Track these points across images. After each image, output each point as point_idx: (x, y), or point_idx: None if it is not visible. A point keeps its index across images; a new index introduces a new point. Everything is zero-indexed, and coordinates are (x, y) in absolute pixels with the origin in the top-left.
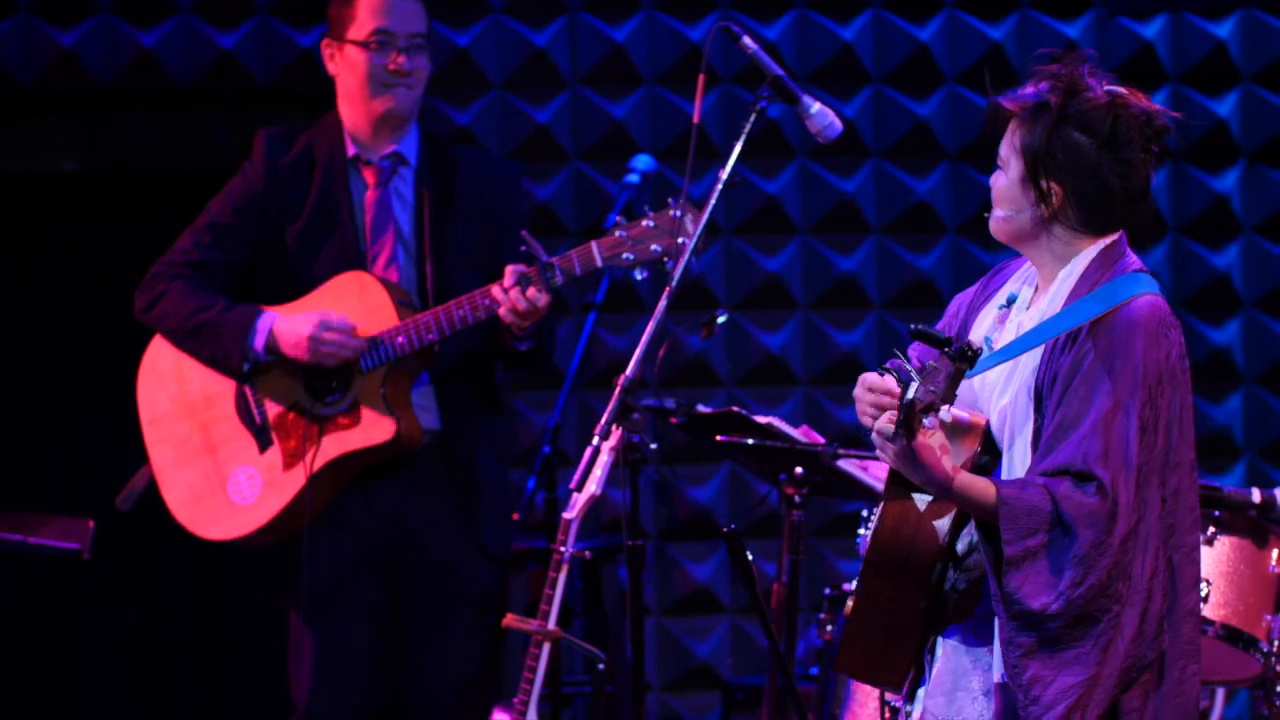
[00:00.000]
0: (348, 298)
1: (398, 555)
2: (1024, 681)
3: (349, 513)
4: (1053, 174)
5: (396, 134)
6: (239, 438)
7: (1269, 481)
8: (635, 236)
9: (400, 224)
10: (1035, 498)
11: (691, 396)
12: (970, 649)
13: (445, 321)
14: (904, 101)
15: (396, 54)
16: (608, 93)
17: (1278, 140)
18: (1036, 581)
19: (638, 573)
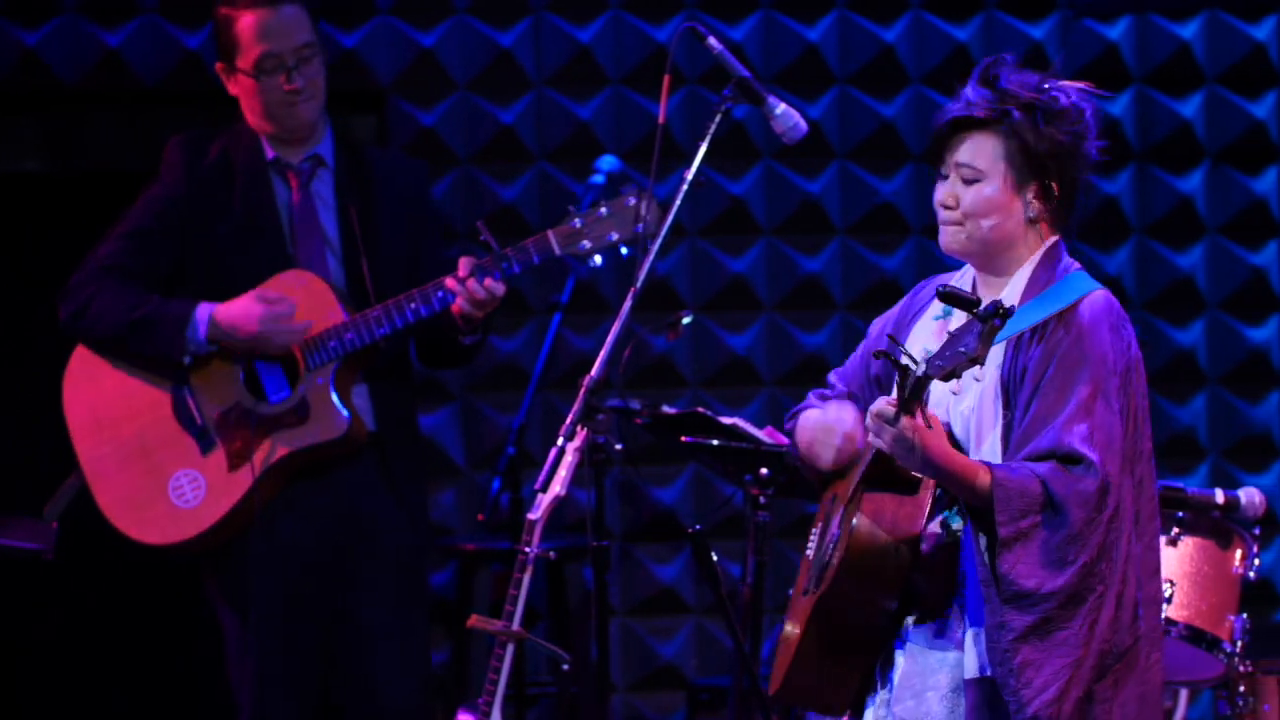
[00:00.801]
0: (292, 295)
1: (341, 555)
2: (1015, 666)
3: (289, 513)
4: (1051, 174)
5: (309, 140)
6: (178, 440)
7: (1233, 482)
8: (591, 224)
9: (325, 226)
10: (1026, 480)
11: (656, 397)
12: (934, 649)
13: (397, 315)
14: (869, 102)
15: (286, 77)
16: (573, 93)
17: (1242, 141)
18: (1030, 562)
19: (602, 573)
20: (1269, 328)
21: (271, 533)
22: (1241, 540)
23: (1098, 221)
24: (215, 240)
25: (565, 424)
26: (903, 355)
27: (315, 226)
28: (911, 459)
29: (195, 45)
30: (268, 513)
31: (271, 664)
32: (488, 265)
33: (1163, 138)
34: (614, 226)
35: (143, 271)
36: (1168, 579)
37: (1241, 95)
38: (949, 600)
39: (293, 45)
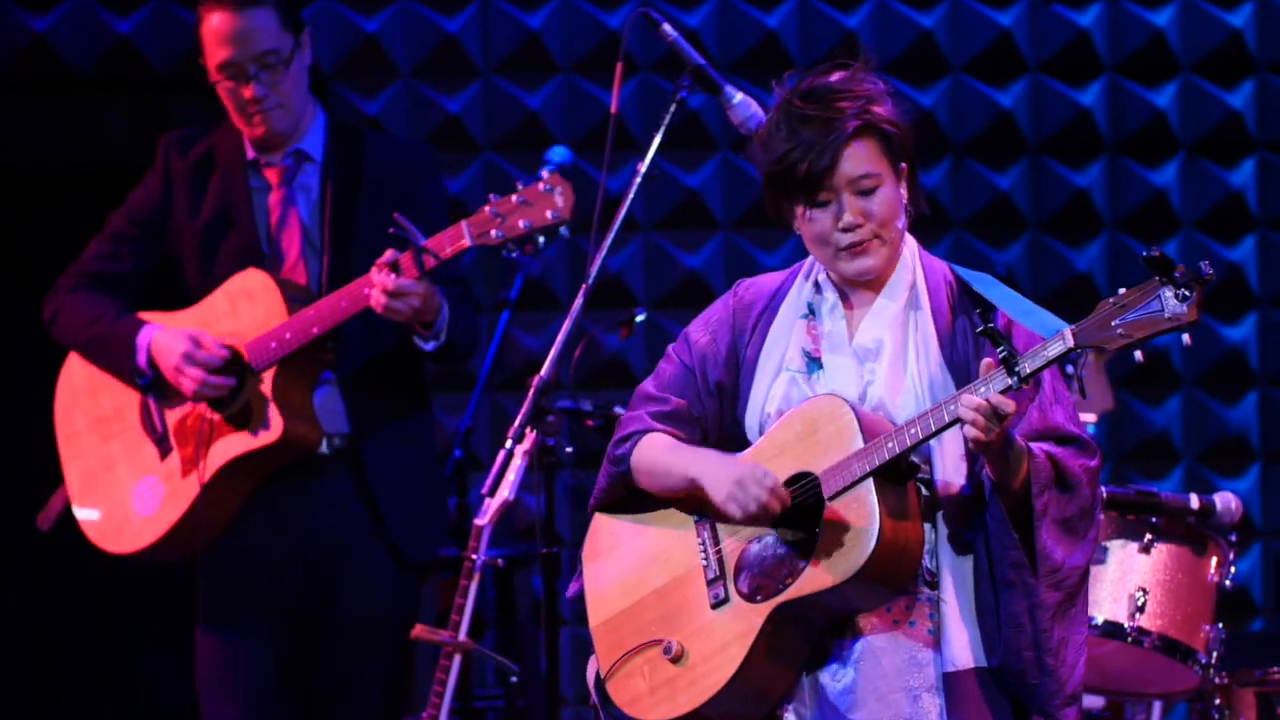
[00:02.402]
0: (241, 298)
1: (305, 568)
2: (1053, 645)
3: (254, 523)
4: (908, 155)
5: (290, 138)
6: (143, 448)
7: (1208, 487)
8: (504, 213)
9: (305, 221)
10: (1039, 457)
11: (609, 398)
12: (902, 649)
13: (327, 314)
14: None
15: (244, 85)
16: (522, 81)
17: (1219, 133)
18: (1055, 535)
19: (552, 581)
20: (1246, 326)
21: (235, 543)
22: (1217, 547)
23: (1068, 216)
24: (192, 238)
25: (514, 426)
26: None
27: (295, 222)
28: (1011, 451)
29: (126, 30)
30: (234, 523)
31: (228, 678)
32: (403, 260)
33: (1135, 129)
34: (527, 214)
35: (118, 276)
36: (1141, 587)
37: (1217, 84)
38: (912, 596)
39: (253, 53)
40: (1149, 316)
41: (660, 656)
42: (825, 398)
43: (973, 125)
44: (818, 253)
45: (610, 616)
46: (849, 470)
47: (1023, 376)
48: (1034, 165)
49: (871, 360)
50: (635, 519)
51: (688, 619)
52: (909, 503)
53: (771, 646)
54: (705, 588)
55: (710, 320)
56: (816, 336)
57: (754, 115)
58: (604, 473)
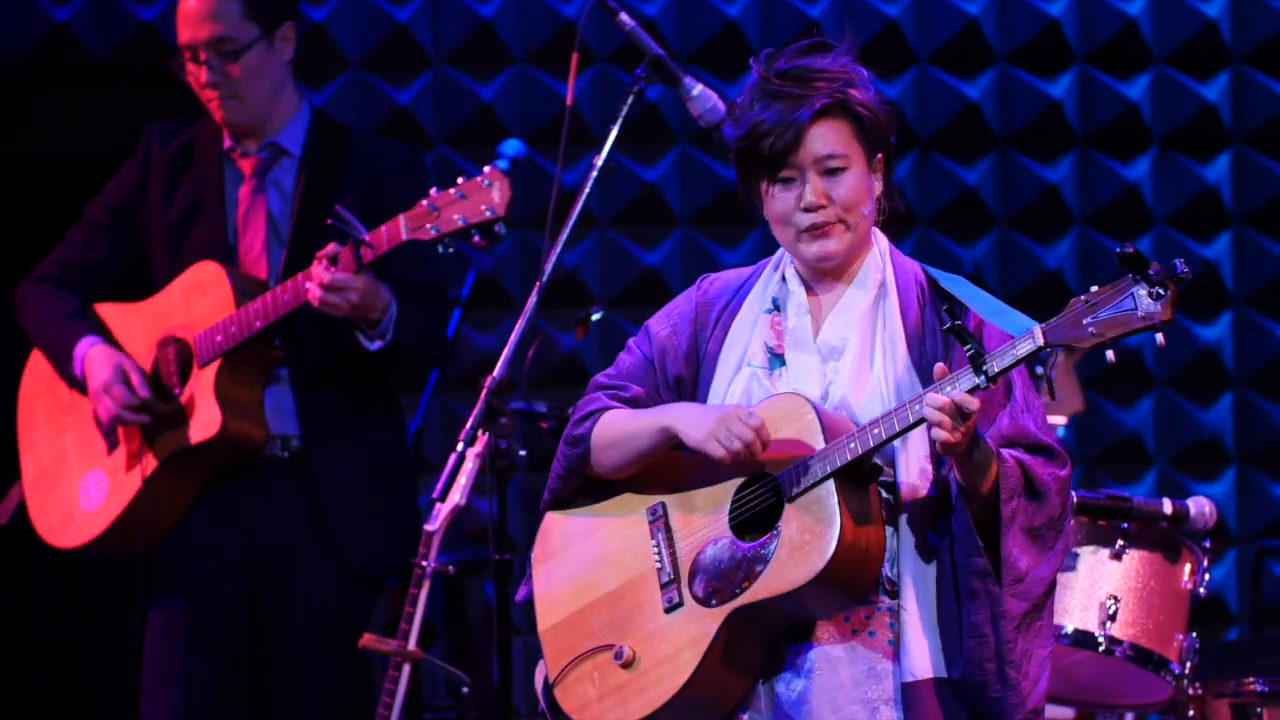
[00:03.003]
0: (194, 290)
1: (253, 572)
2: (1016, 658)
3: (201, 523)
4: (884, 146)
5: (262, 130)
6: (93, 441)
7: (1182, 491)
8: (442, 207)
9: (275, 216)
10: (1009, 462)
11: (563, 399)
12: (860, 659)
13: (270, 307)
14: None
15: (197, 69)
16: (474, 72)
17: (1193, 126)
18: (1021, 544)
19: (505, 589)
20: (1220, 325)
21: (181, 542)
22: (1191, 554)
23: (1037, 212)
24: (162, 229)
25: (465, 428)
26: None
27: (263, 216)
28: (977, 453)
29: (64, 18)
30: (181, 522)
31: (170, 683)
32: (341, 254)
33: (1107, 122)
34: (463, 209)
35: (88, 265)
36: (1112, 595)
37: (1192, 76)
38: (871, 605)
39: (203, 38)
40: (1122, 315)
41: (611, 662)
42: (786, 396)
43: (939, 118)
44: (780, 234)
45: (559, 620)
46: (809, 471)
47: (990, 375)
48: (1002, 159)
49: (835, 358)
50: (588, 518)
51: (640, 623)
52: (871, 506)
53: (726, 653)
54: (659, 591)
55: (672, 314)
56: (780, 332)
57: (714, 107)
58: (560, 459)
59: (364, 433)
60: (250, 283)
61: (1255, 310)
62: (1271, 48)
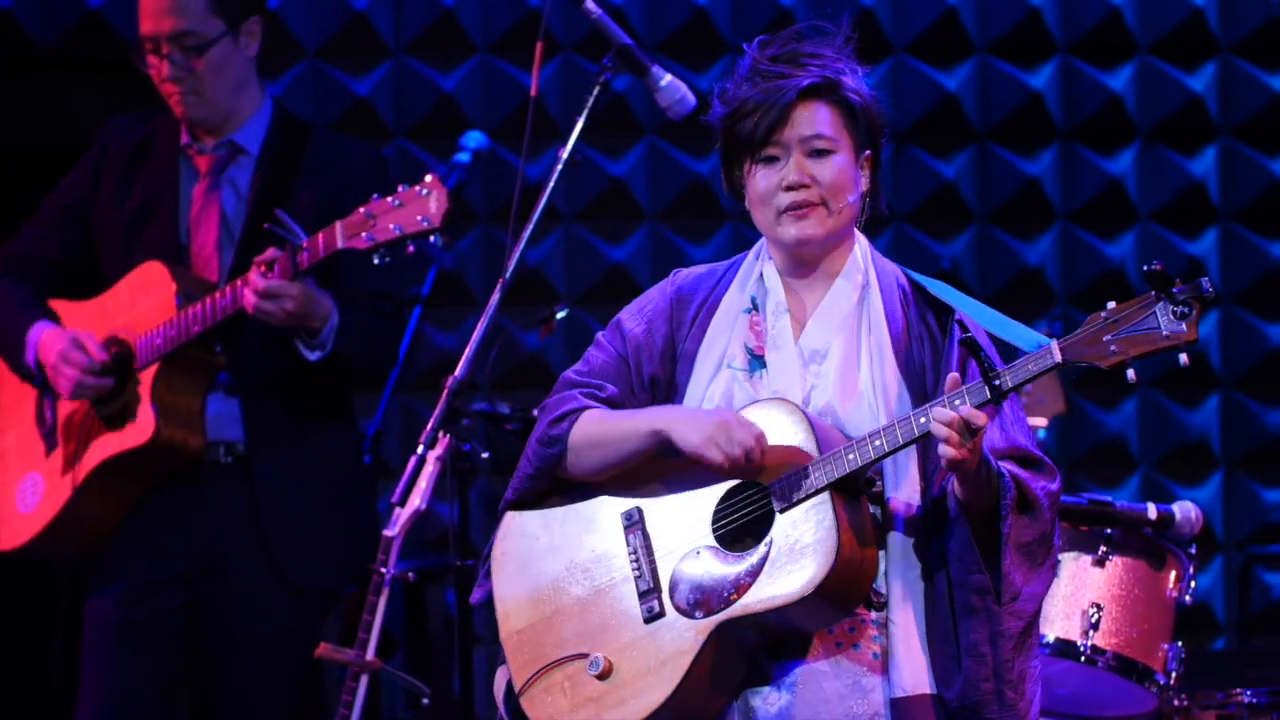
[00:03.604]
0: (139, 290)
1: (191, 583)
2: (1014, 677)
3: (139, 531)
4: (874, 143)
5: (222, 127)
6: (32, 442)
7: (1167, 495)
8: (378, 215)
9: (228, 215)
10: (1006, 477)
11: (527, 400)
12: (845, 673)
13: (209, 311)
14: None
15: (161, 63)
16: (435, 62)
17: (1179, 118)
18: (1016, 560)
19: (467, 596)
20: (1207, 324)
21: (121, 550)
22: (1176, 560)
23: (1017, 206)
24: (113, 226)
25: (426, 430)
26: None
27: (215, 215)
28: (978, 465)
29: (8, 5)
30: (119, 528)
31: (105, 694)
32: (279, 260)
33: (1090, 114)
34: (399, 219)
35: (38, 260)
36: (1095, 603)
37: (1177, 66)
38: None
39: (166, 31)
40: (1145, 334)
41: (585, 672)
42: (776, 402)
43: (915, 110)
44: (760, 216)
45: (524, 626)
46: (806, 481)
47: (1003, 391)
48: (981, 153)
49: (818, 363)
50: (552, 518)
51: (616, 633)
52: (864, 519)
53: (710, 666)
54: (637, 600)
55: (645, 309)
56: (760, 333)
57: (683, 98)
58: (531, 458)
59: (312, 443)
60: (197, 284)
61: (1243, 308)
62: (1260, 37)
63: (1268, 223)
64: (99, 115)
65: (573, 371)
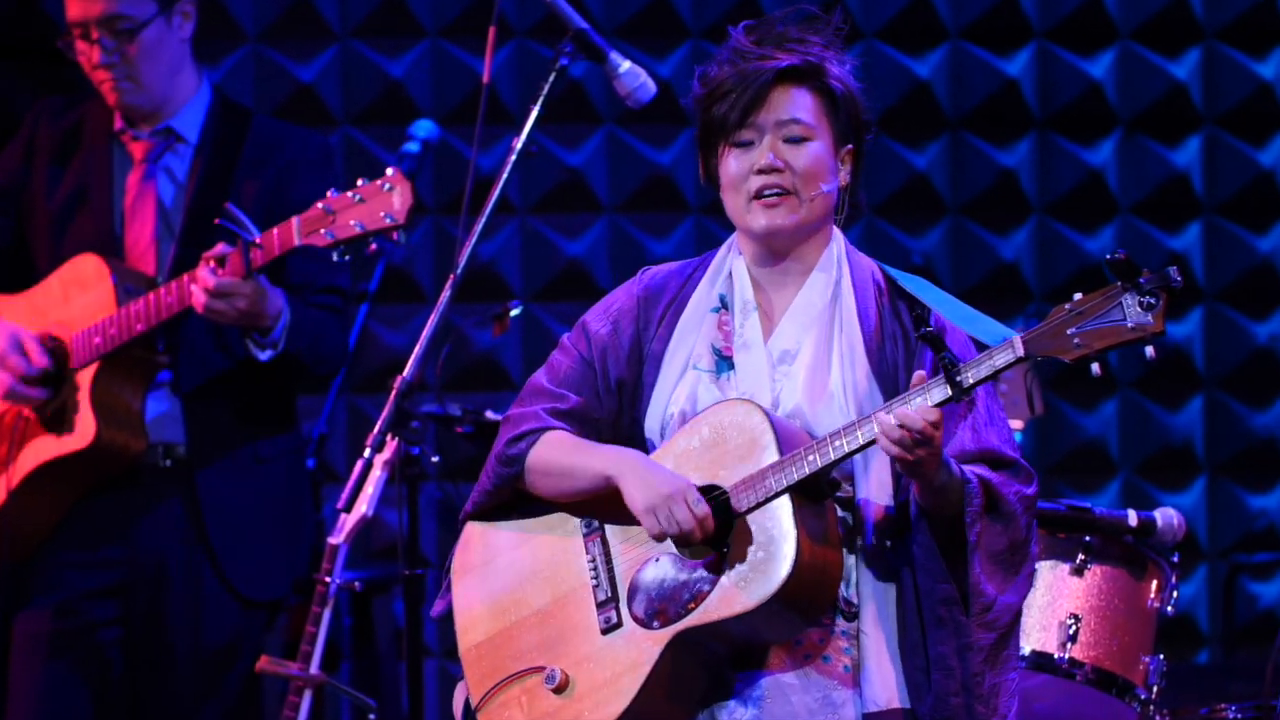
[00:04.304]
0: (74, 285)
1: (129, 592)
2: (984, 691)
3: (76, 537)
4: (856, 137)
5: (157, 113)
6: None
7: (1148, 502)
8: (338, 211)
9: (165, 205)
10: (973, 482)
11: (480, 401)
12: (815, 686)
13: (153, 309)
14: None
15: (91, 49)
16: (383, 47)
17: (1161, 107)
18: (987, 569)
19: (416, 607)
20: (1190, 322)
21: (55, 556)
22: (1158, 569)
23: (991, 199)
24: (44, 215)
25: (373, 433)
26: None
27: (151, 205)
28: (936, 469)
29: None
30: (56, 532)
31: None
32: (230, 256)
33: (1068, 102)
34: (360, 215)
35: None
36: (1073, 614)
37: (1160, 53)
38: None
39: (95, 14)
40: (1110, 326)
41: (541, 686)
42: (736, 402)
43: (886, 97)
44: (730, 202)
45: (484, 639)
46: (763, 484)
47: (964, 387)
48: (954, 143)
49: (788, 363)
50: (514, 529)
51: (574, 645)
52: (828, 524)
53: (669, 679)
54: (594, 610)
55: (611, 309)
56: (728, 333)
57: (642, 85)
58: (490, 474)
59: (256, 447)
60: (136, 279)
61: (1227, 305)
62: (1246, 22)
63: (1253, 216)
64: (27, 104)
65: (540, 375)
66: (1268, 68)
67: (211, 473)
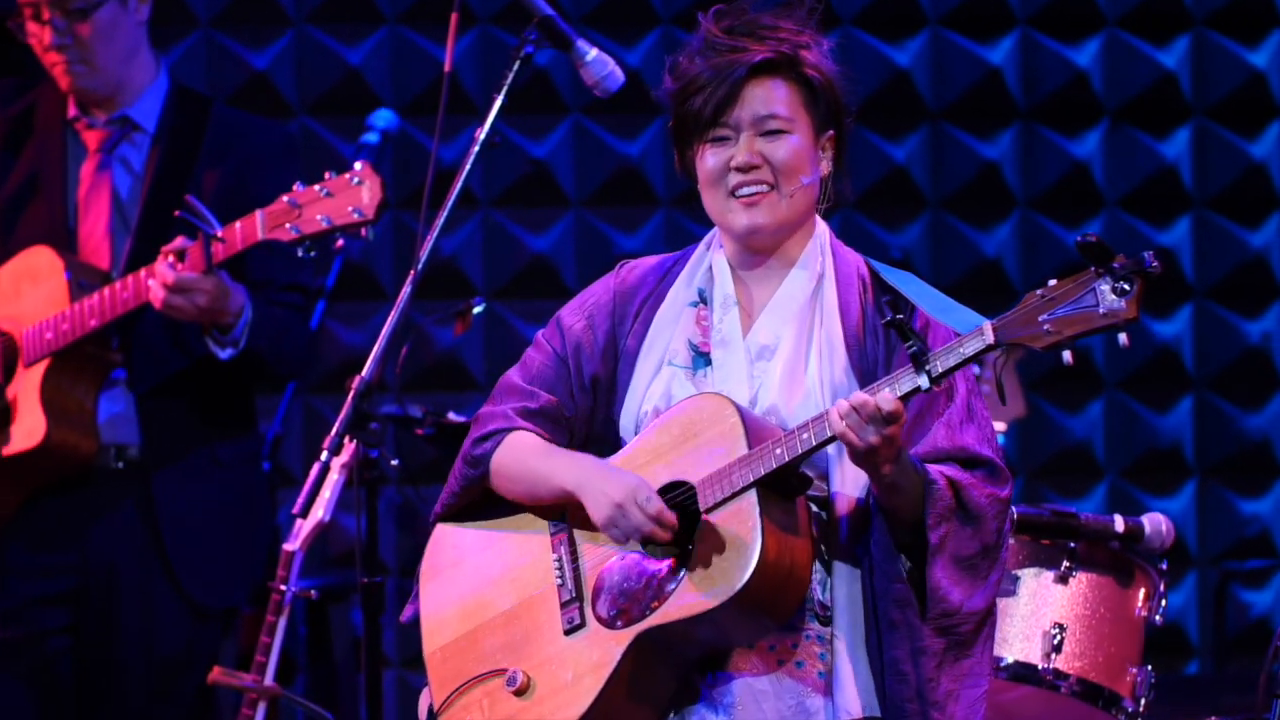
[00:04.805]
0: (25, 278)
1: (80, 598)
2: (939, 698)
3: (24, 541)
4: (837, 123)
5: (113, 100)
6: None
7: (1136, 507)
8: (304, 205)
9: (120, 196)
10: (939, 482)
11: (441, 402)
12: (788, 693)
13: (108, 304)
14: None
15: (40, 29)
16: (340, 33)
17: (1147, 96)
18: (951, 574)
19: (374, 616)
20: (1179, 320)
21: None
22: (1146, 577)
23: (974, 192)
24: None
25: (330, 435)
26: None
27: (106, 196)
28: (891, 463)
29: None
30: (7, 536)
31: None
32: (191, 250)
33: (1053, 92)
34: (327, 210)
35: None
36: (1057, 623)
37: (1148, 40)
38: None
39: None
40: (1082, 312)
41: (503, 688)
42: (707, 397)
43: (863, 87)
44: (709, 200)
45: (448, 642)
46: (730, 479)
47: (934, 376)
48: (935, 134)
49: (766, 359)
50: (483, 530)
51: (537, 646)
52: (798, 521)
53: (632, 681)
54: (559, 611)
55: (587, 304)
56: (706, 328)
57: (610, 74)
58: (456, 475)
59: (214, 449)
60: (89, 273)
61: (1218, 303)
62: (1237, 8)
63: (1245, 210)
64: None
65: (513, 372)
66: (1260, 56)
67: (167, 476)
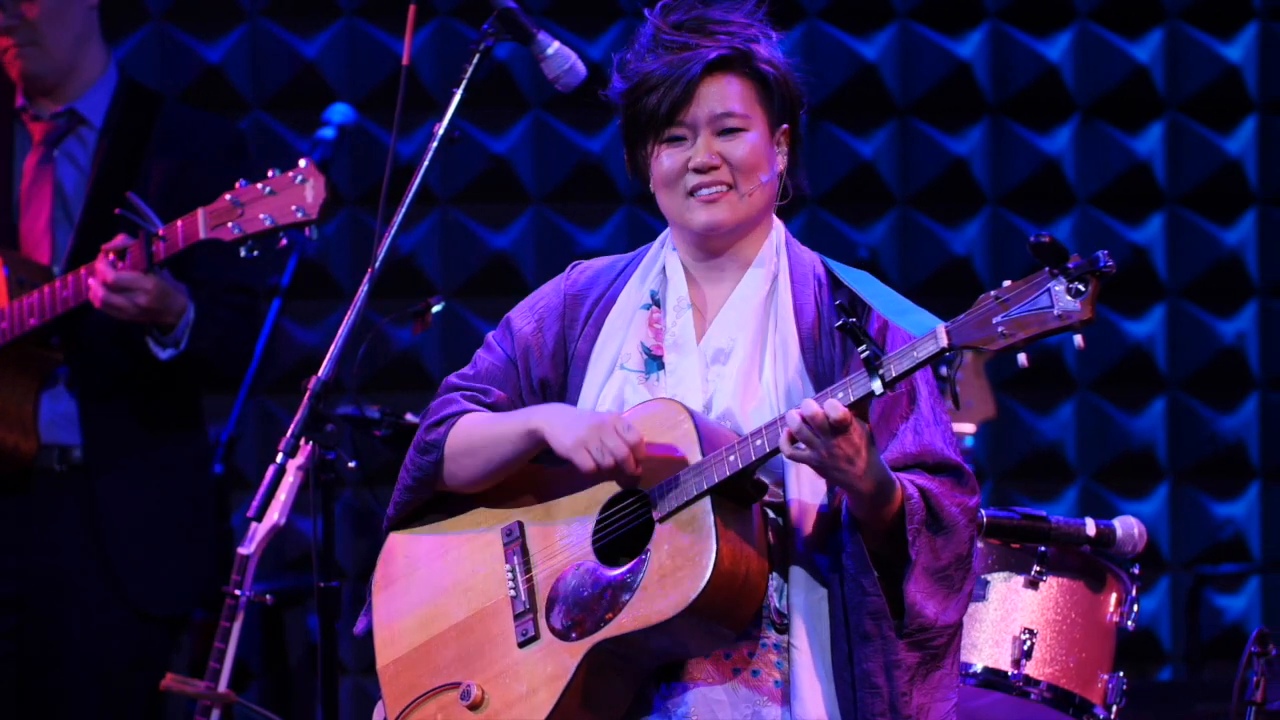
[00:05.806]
0: None
1: (21, 604)
2: (910, 712)
3: None
4: (792, 117)
5: (61, 91)
6: None
7: (1108, 510)
8: (246, 204)
9: (65, 191)
10: (914, 496)
11: (399, 403)
12: (743, 702)
13: (48, 303)
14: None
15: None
16: (295, 26)
17: (1120, 91)
18: (925, 587)
19: (331, 621)
20: (1152, 320)
21: None
22: (1117, 582)
23: (942, 189)
24: None
25: (286, 437)
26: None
27: (49, 192)
28: (848, 473)
29: None
30: None
31: None
32: (131, 248)
33: (1023, 86)
34: (270, 208)
35: None
36: (1027, 629)
37: (1120, 34)
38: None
39: None
40: (1035, 313)
41: (457, 702)
42: (659, 403)
43: (831, 81)
44: (666, 201)
45: (402, 655)
46: (682, 487)
47: (888, 380)
48: (902, 129)
49: (721, 363)
50: (437, 539)
51: (491, 659)
52: (753, 528)
53: (586, 693)
54: (512, 622)
55: (536, 306)
56: (659, 331)
57: (572, 68)
58: (409, 468)
59: (158, 451)
60: (30, 269)
61: (1191, 303)
62: (1211, 1)
63: (1219, 207)
64: None
65: (456, 376)
66: (1234, 50)
67: (109, 478)
